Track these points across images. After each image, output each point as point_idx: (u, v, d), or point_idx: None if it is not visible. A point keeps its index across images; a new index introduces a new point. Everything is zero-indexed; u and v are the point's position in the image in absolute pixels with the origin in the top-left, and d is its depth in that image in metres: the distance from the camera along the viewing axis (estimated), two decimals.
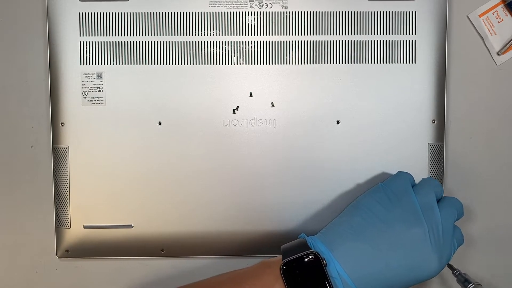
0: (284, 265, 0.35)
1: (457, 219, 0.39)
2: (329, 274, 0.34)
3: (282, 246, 0.37)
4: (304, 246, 0.36)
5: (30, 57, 0.45)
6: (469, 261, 0.46)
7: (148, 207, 0.43)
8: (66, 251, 0.44)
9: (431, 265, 0.35)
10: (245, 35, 0.43)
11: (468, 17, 0.45)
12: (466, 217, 0.46)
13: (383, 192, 0.38)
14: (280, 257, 0.36)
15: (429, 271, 0.36)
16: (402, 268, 0.35)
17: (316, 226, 0.43)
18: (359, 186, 0.43)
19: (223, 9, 0.43)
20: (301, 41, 0.43)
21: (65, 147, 0.43)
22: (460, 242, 0.39)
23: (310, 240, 0.37)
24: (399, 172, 0.41)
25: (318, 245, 0.36)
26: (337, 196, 0.43)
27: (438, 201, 0.38)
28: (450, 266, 0.41)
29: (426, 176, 0.43)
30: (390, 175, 0.42)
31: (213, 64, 0.43)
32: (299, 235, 0.39)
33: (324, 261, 0.35)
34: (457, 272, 0.41)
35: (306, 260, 0.35)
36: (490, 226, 0.46)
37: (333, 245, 0.36)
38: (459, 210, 0.39)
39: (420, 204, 0.37)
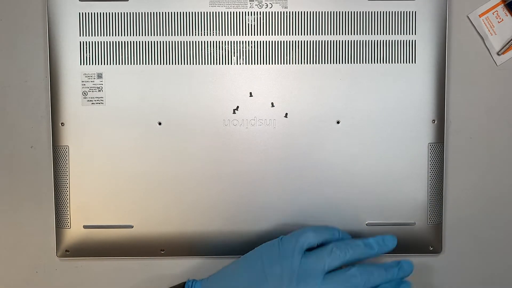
0: None
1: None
2: None
3: None
4: None
5: (30, 57, 0.45)
6: (468, 261, 0.46)
7: (148, 207, 0.43)
8: (66, 251, 0.44)
9: None
10: (245, 35, 0.43)
11: (468, 17, 0.45)
12: (467, 217, 0.46)
13: (276, 248, 0.38)
14: None
15: None
16: None
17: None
18: (358, 186, 0.43)
19: (223, 9, 0.43)
20: (301, 41, 0.43)
21: (65, 147, 0.43)
22: None
23: (189, 284, 0.38)
24: (304, 230, 0.38)
25: None
26: (337, 196, 0.43)
27: (345, 266, 0.37)
28: None
29: (426, 177, 0.43)
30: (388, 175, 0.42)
31: (213, 64, 0.43)
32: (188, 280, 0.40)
33: None
34: None
35: None
36: (490, 226, 0.46)
37: None
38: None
39: (299, 271, 0.36)
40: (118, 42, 0.43)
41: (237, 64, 0.43)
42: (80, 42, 0.43)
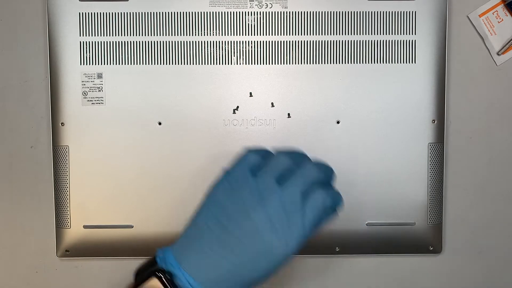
0: None
1: (324, 181, 0.35)
2: (181, 286, 0.33)
3: (135, 269, 0.36)
4: (153, 264, 0.35)
5: (30, 57, 0.45)
6: (468, 261, 0.46)
7: (148, 207, 0.43)
8: (66, 251, 0.44)
9: (277, 250, 0.33)
10: (245, 35, 0.43)
11: (468, 17, 0.45)
12: (467, 217, 0.46)
13: (226, 181, 0.36)
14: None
15: (276, 256, 0.33)
16: (249, 262, 0.33)
17: None
18: (358, 186, 0.43)
19: (223, 9, 0.43)
20: (301, 41, 0.43)
21: (65, 147, 0.43)
22: (319, 209, 0.34)
23: (161, 254, 0.35)
24: (242, 153, 0.37)
25: (168, 258, 0.35)
26: None
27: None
28: None
29: (426, 177, 0.43)
30: (389, 174, 0.42)
31: (213, 64, 0.43)
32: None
33: (167, 276, 0.33)
34: None
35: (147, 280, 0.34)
36: (490, 226, 0.46)
37: (182, 256, 0.34)
38: (307, 177, 0.34)
39: (259, 186, 0.34)
40: (118, 42, 0.43)
41: (237, 64, 0.43)
42: (80, 42, 0.43)
